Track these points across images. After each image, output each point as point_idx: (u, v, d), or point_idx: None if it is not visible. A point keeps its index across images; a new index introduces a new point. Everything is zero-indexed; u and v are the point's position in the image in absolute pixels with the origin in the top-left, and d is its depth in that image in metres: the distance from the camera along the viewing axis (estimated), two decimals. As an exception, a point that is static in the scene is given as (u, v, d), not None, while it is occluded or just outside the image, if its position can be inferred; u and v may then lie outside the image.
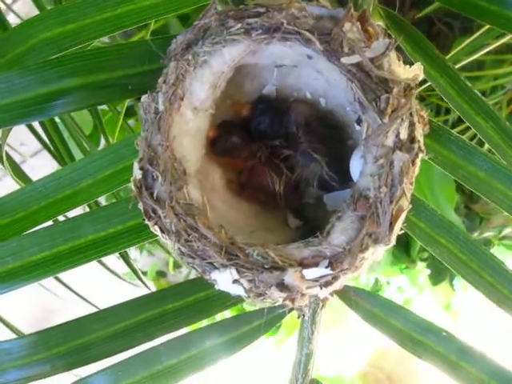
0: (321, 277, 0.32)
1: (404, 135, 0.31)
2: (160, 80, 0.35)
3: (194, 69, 0.34)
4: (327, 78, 0.36)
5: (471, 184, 0.39)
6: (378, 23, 0.34)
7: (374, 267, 1.37)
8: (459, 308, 1.65)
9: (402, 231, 0.34)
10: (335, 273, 0.31)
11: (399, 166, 0.31)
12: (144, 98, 0.35)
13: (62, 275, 0.82)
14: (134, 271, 0.74)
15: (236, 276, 0.32)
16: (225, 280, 0.32)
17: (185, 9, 0.40)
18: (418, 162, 0.32)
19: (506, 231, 1.47)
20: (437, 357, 0.42)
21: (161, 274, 1.70)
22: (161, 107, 0.34)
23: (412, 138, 0.31)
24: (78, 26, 0.40)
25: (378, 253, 0.33)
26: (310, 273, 0.31)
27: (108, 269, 0.86)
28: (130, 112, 1.17)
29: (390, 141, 0.31)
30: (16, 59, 0.41)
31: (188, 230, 0.33)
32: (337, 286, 0.33)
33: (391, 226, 0.31)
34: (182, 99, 0.34)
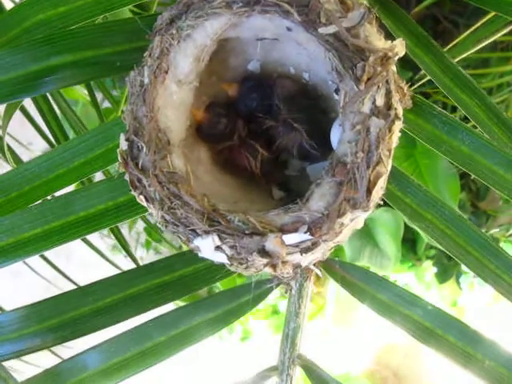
0: (300, 242, 0.32)
1: (380, 102, 0.31)
2: (146, 54, 0.35)
3: (177, 42, 0.35)
4: (308, 51, 0.36)
5: (455, 159, 0.40)
6: (361, 1, 0.35)
7: (383, 265, 1.36)
8: (466, 305, 1.65)
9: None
10: (315, 238, 0.32)
11: (376, 132, 0.31)
12: (131, 72, 0.36)
13: (71, 273, 0.83)
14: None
15: (218, 242, 0.33)
16: (207, 247, 0.33)
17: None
18: (396, 129, 0.32)
19: (513, 230, 1.47)
20: (423, 331, 0.42)
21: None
22: (146, 80, 0.35)
23: (389, 106, 0.32)
24: (69, 8, 0.41)
25: (357, 220, 0.33)
26: (290, 238, 0.32)
27: (117, 267, 0.87)
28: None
29: (366, 107, 0.31)
30: (9, 42, 0.42)
31: (171, 197, 0.33)
32: (318, 253, 0.34)
33: (369, 191, 0.31)
34: (166, 72, 0.35)
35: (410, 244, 1.50)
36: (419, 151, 1.12)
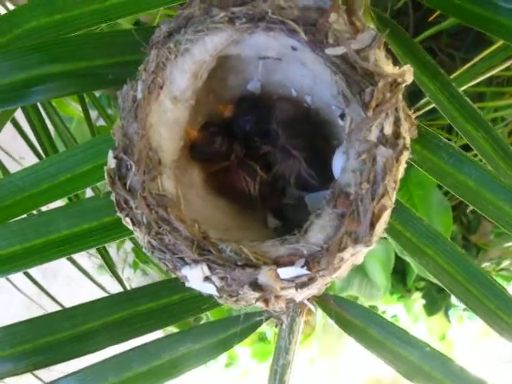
0: (296, 277, 0.30)
1: (388, 130, 0.30)
2: (140, 67, 0.33)
3: (175, 57, 0.33)
4: (313, 73, 0.35)
5: (460, 192, 0.38)
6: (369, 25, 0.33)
7: (372, 295, 1.35)
8: (454, 339, 1.63)
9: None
10: (312, 273, 0.30)
11: (382, 161, 0.29)
12: (124, 86, 0.34)
13: (56, 291, 0.81)
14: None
15: (207, 272, 0.30)
16: (196, 277, 0.31)
17: (173, 3, 0.40)
18: (403, 160, 0.30)
19: (505, 264, 1.46)
20: (420, 374, 0.40)
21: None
22: (139, 95, 0.33)
23: (397, 135, 0.30)
24: (65, 16, 0.39)
25: (358, 255, 0.31)
26: (285, 272, 0.30)
27: (102, 288, 0.85)
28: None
29: (373, 136, 0.29)
30: (1, 48, 0.40)
31: (159, 222, 0.31)
32: (314, 288, 0.32)
33: (372, 225, 0.29)
34: (161, 88, 0.33)
35: (399, 275, 1.49)
36: (413, 182, 1.11)
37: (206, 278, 0.31)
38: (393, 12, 0.92)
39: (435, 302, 1.56)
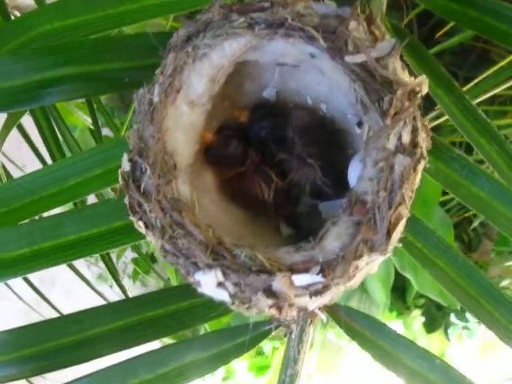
0: (311, 284, 0.30)
1: (406, 139, 0.29)
2: (157, 71, 0.33)
3: (193, 61, 0.33)
4: (330, 81, 0.35)
5: (472, 204, 0.38)
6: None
7: (371, 312, 1.34)
8: (453, 357, 1.62)
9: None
10: (327, 281, 0.30)
11: (400, 170, 0.29)
12: (140, 89, 0.34)
13: (53, 299, 0.80)
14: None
15: (221, 278, 0.30)
16: (209, 282, 0.30)
17: (188, 9, 0.40)
18: (420, 169, 0.30)
19: (505, 282, 1.45)
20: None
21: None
22: (155, 98, 0.33)
23: (415, 144, 0.30)
24: (78, 20, 0.40)
25: (373, 264, 0.31)
26: (300, 279, 0.30)
27: (102, 296, 0.84)
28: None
29: (391, 144, 0.29)
30: (14, 50, 0.40)
31: (173, 225, 0.31)
32: (327, 297, 0.31)
33: (389, 233, 0.29)
34: (178, 92, 0.33)
35: (399, 292, 1.48)
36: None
37: (220, 284, 0.30)
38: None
39: (435, 320, 1.55)
